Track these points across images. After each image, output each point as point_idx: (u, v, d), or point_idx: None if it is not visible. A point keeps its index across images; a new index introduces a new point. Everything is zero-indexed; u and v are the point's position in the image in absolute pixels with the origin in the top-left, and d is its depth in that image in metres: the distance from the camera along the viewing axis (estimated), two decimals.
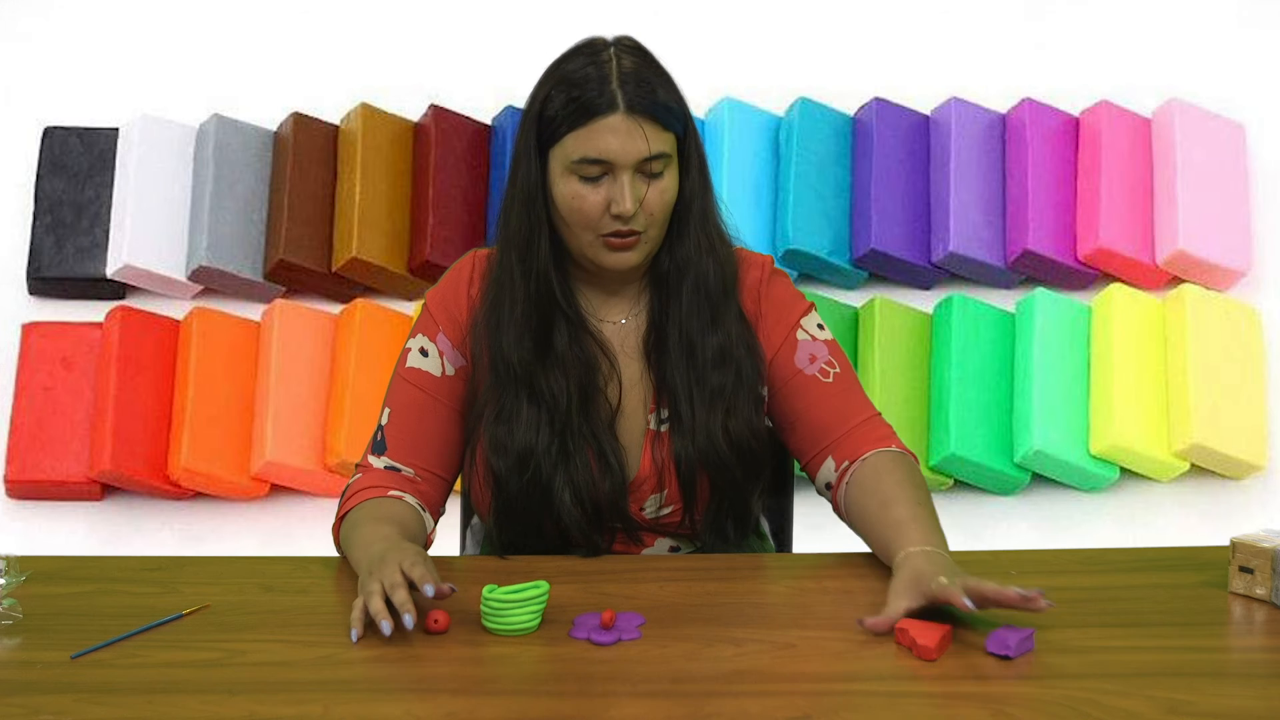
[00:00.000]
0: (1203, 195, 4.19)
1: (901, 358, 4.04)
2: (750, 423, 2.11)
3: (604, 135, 1.99)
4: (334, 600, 1.96)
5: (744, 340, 2.12)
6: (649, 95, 2.00)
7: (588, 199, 2.01)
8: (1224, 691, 1.67)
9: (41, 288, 4.18)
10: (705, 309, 2.10)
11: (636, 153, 1.99)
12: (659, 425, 2.12)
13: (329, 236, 4.19)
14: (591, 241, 2.04)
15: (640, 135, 1.99)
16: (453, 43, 4.46)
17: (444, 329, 2.14)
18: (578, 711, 1.67)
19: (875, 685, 1.70)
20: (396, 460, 2.12)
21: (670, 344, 2.10)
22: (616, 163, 1.99)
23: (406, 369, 2.14)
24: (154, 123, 4.25)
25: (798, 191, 4.20)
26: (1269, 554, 1.88)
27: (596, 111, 1.99)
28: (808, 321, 2.16)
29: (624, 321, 2.15)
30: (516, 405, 2.08)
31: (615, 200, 2.00)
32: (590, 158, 1.99)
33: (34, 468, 3.90)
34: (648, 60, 2.05)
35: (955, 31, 4.52)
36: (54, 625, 1.86)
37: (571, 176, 2.01)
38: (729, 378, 2.10)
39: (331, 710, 1.65)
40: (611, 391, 2.12)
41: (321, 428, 3.96)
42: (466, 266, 2.16)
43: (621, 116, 1.99)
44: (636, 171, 2.00)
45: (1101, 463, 3.96)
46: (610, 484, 2.09)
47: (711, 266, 2.09)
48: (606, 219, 2.01)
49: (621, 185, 1.99)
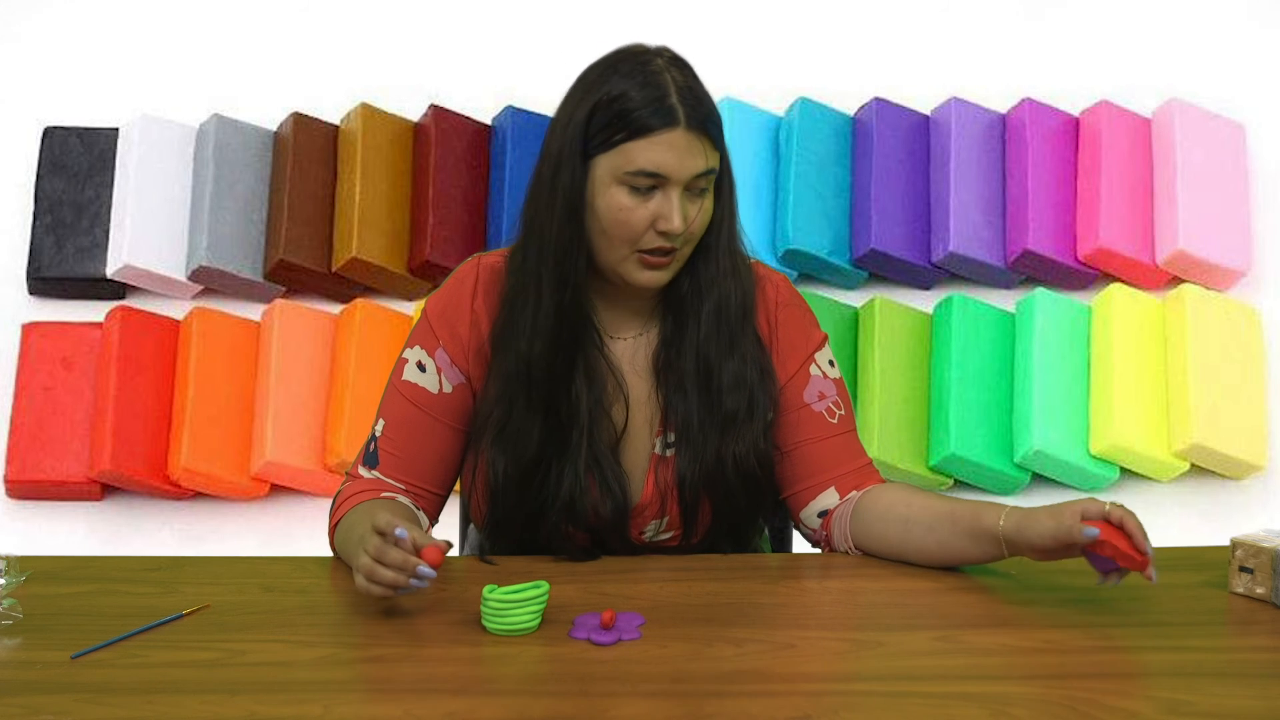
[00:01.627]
0: (1203, 195, 4.19)
1: (901, 358, 4.04)
2: (758, 449, 2.08)
3: (662, 149, 1.95)
4: (334, 600, 1.96)
5: (759, 365, 2.09)
6: (707, 111, 1.98)
7: (635, 212, 1.97)
8: (1224, 691, 1.67)
9: (41, 288, 4.18)
10: (724, 334, 2.07)
11: (693, 169, 1.96)
12: (664, 449, 2.10)
13: (329, 236, 4.19)
14: (627, 256, 2.00)
15: (700, 152, 1.96)
16: (453, 43, 4.46)
17: (444, 343, 2.10)
18: (578, 711, 1.67)
19: (875, 685, 1.70)
20: (388, 476, 2.11)
21: (685, 367, 2.07)
22: (671, 177, 1.96)
23: (403, 381, 2.11)
24: (154, 123, 4.25)
25: (798, 191, 4.20)
26: (1269, 554, 1.88)
27: (658, 124, 1.95)
28: (821, 356, 2.14)
29: (634, 338, 2.12)
30: (523, 419, 2.05)
31: (663, 217, 1.96)
32: (647, 170, 1.95)
33: (34, 468, 3.90)
34: (694, 75, 2.02)
35: (955, 31, 4.52)
36: (54, 625, 1.86)
37: (620, 188, 1.97)
38: (742, 404, 2.07)
39: (331, 710, 1.65)
40: (617, 413, 2.09)
41: (321, 428, 3.96)
42: (469, 276, 2.11)
43: (683, 132, 1.95)
44: (685, 189, 1.98)
45: (1101, 463, 3.96)
46: (611, 508, 2.07)
47: (734, 291, 2.06)
48: (650, 234, 1.98)
49: (671, 201, 1.96)
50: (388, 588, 1.83)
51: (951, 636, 1.80)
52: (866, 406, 3.99)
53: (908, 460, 3.96)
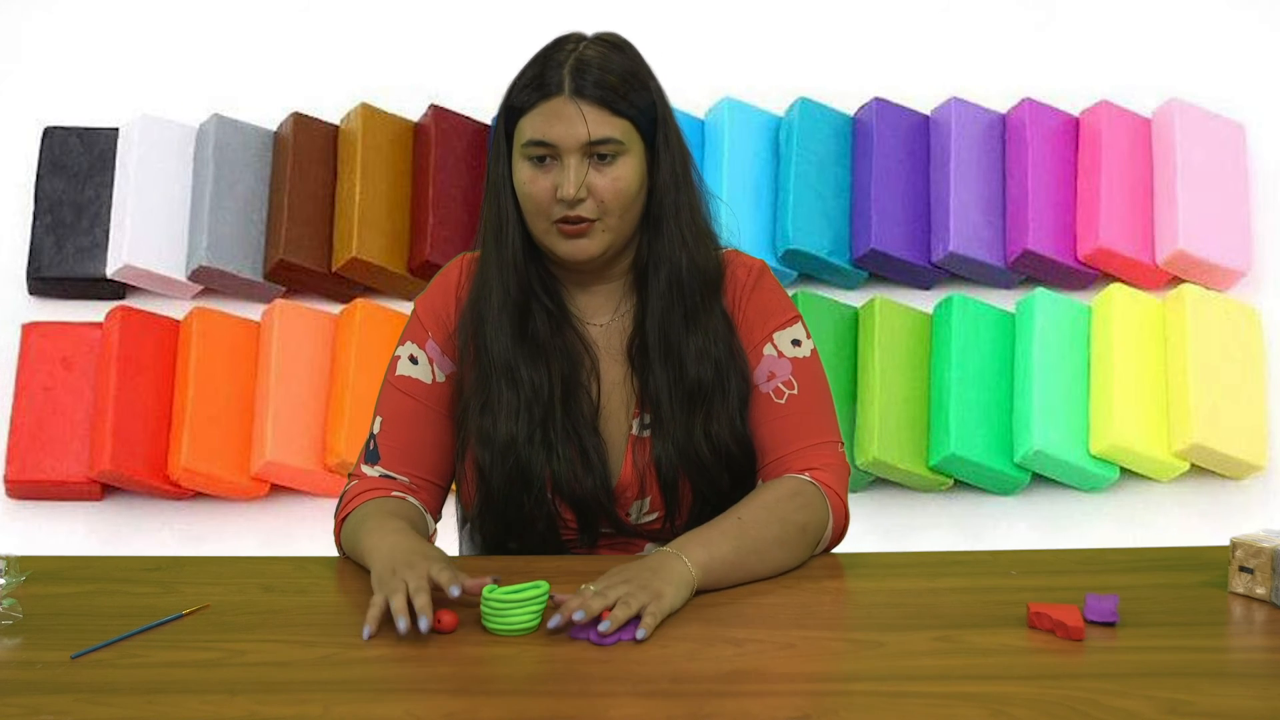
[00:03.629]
0: (1203, 195, 4.20)
1: (901, 358, 4.04)
2: (732, 426, 2.09)
3: (547, 118, 2.01)
4: (334, 600, 1.96)
5: (726, 341, 2.11)
6: (599, 81, 2.01)
7: (537, 183, 2.02)
8: (1224, 691, 1.67)
9: (41, 288, 4.18)
10: (680, 306, 2.09)
11: (577, 136, 2.00)
12: (641, 430, 2.11)
13: (329, 236, 4.19)
14: (546, 229, 2.05)
15: (580, 119, 2.00)
16: (453, 43, 4.46)
17: (433, 335, 2.14)
18: (578, 711, 1.67)
19: (875, 685, 1.70)
20: (391, 470, 2.13)
21: (650, 344, 2.10)
22: (559, 145, 2.01)
23: (396, 377, 2.15)
24: (154, 123, 4.25)
25: (798, 191, 4.20)
26: (1269, 554, 1.88)
27: (543, 95, 2.01)
28: (781, 336, 2.13)
29: (609, 322, 2.14)
30: (499, 396, 2.08)
31: (560, 185, 2.01)
32: (535, 139, 2.01)
33: (34, 468, 3.90)
34: (619, 52, 2.06)
35: (955, 31, 4.52)
36: (54, 625, 1.86)
37: (524, 162, 2.03)
38: (708, 377, 2.08)
39: (331, 710, 1.64)
40: (593, 389, 2.12)
41: (321, 428, 3.96)
42: (455, 271, 2.17)
43: (565, 100, 2.01)
44: (584, 156, 2.01)
45: (1101, 463, 3.96)
46: (593, 481, 2.08)
47: (685, 262, 2.08)
48: (556, 205, 2.02)
49: (566, 169, 2.01)
50: (383, 614, 1.81)
51: (951, 636, 1.80)
52: (866, 406, 3.99)
53: (908, 460, 3.96)
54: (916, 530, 3.90)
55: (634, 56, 2.08)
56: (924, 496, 4.02)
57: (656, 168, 2.07)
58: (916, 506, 3.99)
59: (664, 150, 2.07)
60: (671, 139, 2.08)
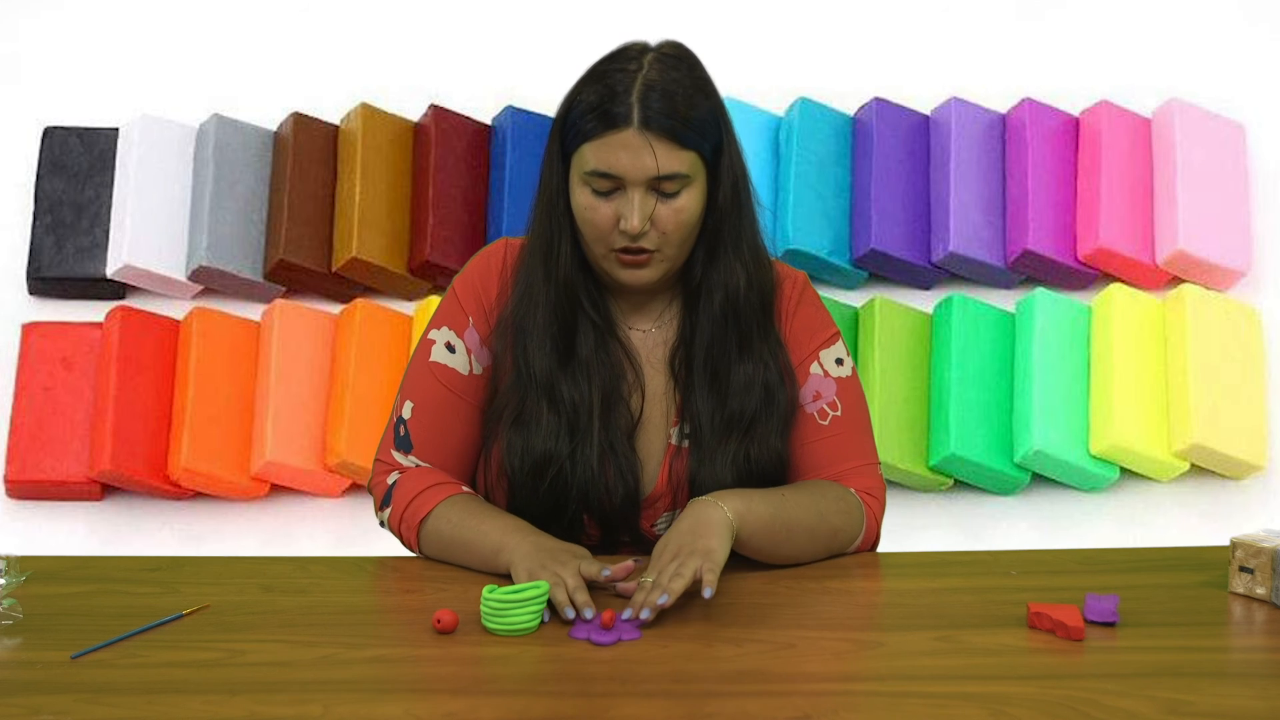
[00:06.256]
0: (1203, 195, 4.19)
1: (901, 358, 4.04)
2: (774, 450, 2.08)
3: (615, 150, 1.95)
4: (334, 600, 1.96)
5: (777, 363, 2.08)
6: (668, 112, 1.95)
7: (599, 211, 1.98)
8: (1224, 691, 1.67)
9: (41, 288, 4.18)
10: (734, 334, 2.06)
11: (645, 171, 1.95)
12: (680, 440, 2.09)
13: (329, 236, 4.19)
14: (604, 255, 2.01)
15: (650, 153, 1.95)
16: (453, 43, 4.46)
17: (474, 321, 2.10)
18: (578, 711, 1.67)
19: (875, 685, 1.70)
20: (424, 460, 2.10)
21: (695, 365, 2.07)
22: (626, 179, 1.96)
23: (432, 363, 2.10)
24: (154, 123, 4.25)
25: (798, 191, 4.20)
26: (1269, 554, 1.88)
27: (611, 124, 1.95)
28: (826, 355, 2.12)
29: (652, 329, 2.12)
30: (537, 410, 2.05)
31: (624, 217, 1.96)
32: (600, 171, 1.96)
33: (34, 468, 3.90)
34: (683, 71, 2.00)
35: (955, 31, 4.52)
36: (54, 625, 1.86)
37: (584, 188, 1.98)
38: (753, 406, 2.06)
39: (331, 710, 1.64)
40: (634, 401, 2.09)
41: (321, 428, 3.95)
42: (498, 253, 2.12)
43: (634, 132, 1.95)
44: (649, 189, 1.97)
45: (1101, 463, 3.96)
46: (623, 495, 2.07)
47: (744, 291, 2.06)
48: (617, 234, 1.98)
49: (631, 202, 1.96)
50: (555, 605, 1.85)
51: (951, 636, 1.80)
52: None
53: (908, 460, 3.96)
54: (916, 530, 3.90)
55: (696, 69, 2.02)
56: (924, 496, 4.02)
57: (717, 189, 2.03)
58: (916, 506, 3.99)
59: (725, 173, 2.03)
60: (734, 161, 2.04)
